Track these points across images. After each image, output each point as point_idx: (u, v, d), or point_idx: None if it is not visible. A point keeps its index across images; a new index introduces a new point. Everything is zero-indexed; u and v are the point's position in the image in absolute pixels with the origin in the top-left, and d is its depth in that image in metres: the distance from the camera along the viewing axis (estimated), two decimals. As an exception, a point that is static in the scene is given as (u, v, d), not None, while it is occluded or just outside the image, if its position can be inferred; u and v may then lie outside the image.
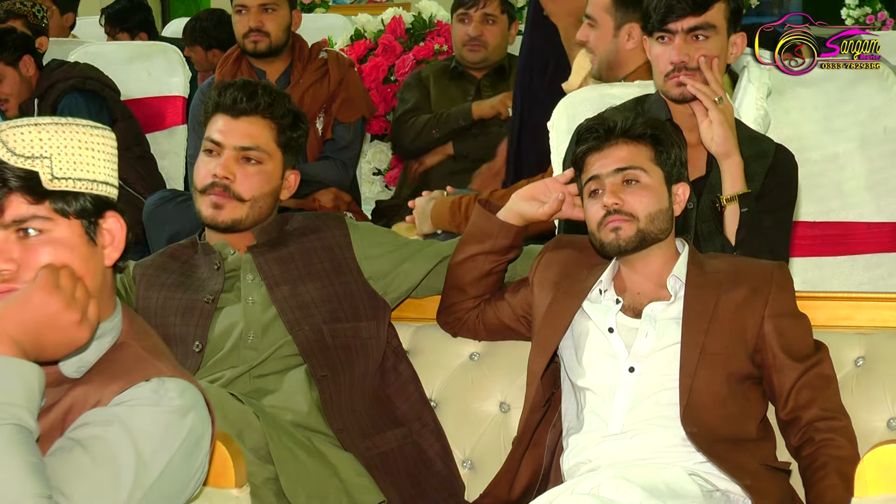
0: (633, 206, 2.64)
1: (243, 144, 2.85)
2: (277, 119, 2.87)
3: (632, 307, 2.69)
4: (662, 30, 2.98)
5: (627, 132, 2.68)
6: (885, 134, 3.62)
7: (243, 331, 2.80)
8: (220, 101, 2.88)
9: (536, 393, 2.73)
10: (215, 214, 2.84)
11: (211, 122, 2.89)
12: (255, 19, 4.54)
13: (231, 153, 2.84)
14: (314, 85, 4.53)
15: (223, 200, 2.83)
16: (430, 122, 4.87)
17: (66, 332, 1.88)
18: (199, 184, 2.86)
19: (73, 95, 4.95)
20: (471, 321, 2.93)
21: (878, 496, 2.15)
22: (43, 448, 1.85)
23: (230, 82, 2.93)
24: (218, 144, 2.85)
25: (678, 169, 2.72)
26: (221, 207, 2.83)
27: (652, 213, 2.65)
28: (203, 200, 2.85)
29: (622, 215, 2.64)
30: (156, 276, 2.90)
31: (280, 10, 4.58)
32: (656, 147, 2.69)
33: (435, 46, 5.65)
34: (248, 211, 2.85)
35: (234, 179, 2.83)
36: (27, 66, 5.00)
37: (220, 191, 2.83)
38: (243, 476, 2.09)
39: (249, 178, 2.84)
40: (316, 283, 2.86)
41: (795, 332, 2.66)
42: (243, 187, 2.84)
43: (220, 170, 2.83)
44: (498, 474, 2.76)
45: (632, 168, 2.66)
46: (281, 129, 2.88)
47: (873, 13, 8.75)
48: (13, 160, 1.89)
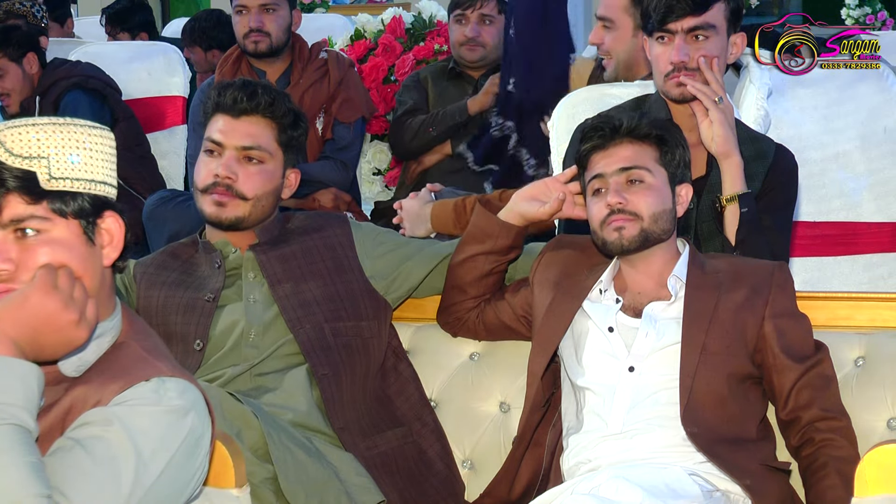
0: (636, 206, 2.64)
1: (244, 144, 2.85)
2: (278, 118, 2.88)
3: (632, 307, 2.69)
4: (662, 30, 2.98)
5: (633, 132, 2.68)
6: (885, 134, 3.62)
7: (244, 329, 2.80)
8: (221, 101, 2.88)
9: (536, 393, 2.73)
10: (219, 212, 2.84)
11: (211, 122, 2.89)
12: (255, 20, 4.53)
13: (232, 153, 2.84)
14: (314, 85, 4.53)
15: (226, 199, 2.84)
16: (426, 121, 4.87)
17: (64, 332, 1.88)
18: (200, 183, 2.86)
19: (75, 93, 4.95)
20: (471, 321, 2.93)
21: (878, 496, 2.15)
22: (43, 448, 1.85)
23: (230, 82, 2.94)
24: (219, 144, 2.86)
25: (682, 170, 2.72)
26: (224, 205, 2.84)
27: (656, 213, 2.65)
28: (205, 199, 2.86)
29: (626, 215, 2.64)
30: (157, 275, 2.90)
31: (280, 10, 4.57)
32: (661, 147, 2.69)
33: (435, 46, 5.64)
34: (250, 209, 2.85)
35: (237, 179, 2.83)
36: (31, 63, 5.00)
37: (222, 190, 2.84)
38: (243, 476, 2.09)
39: (251, 177, 2.85)
40: (318, 281, 2.86)
41: (796, 332, 2.66)
42: (246, 186, 2.84)
43: (222, 170, 2.83)
44: (498, 474, 2.76)
45: (636, 168, 2.66)
46: (282, 129, 2.88)
47: (873, 13, 8.76)
48: (11, 160, 1.89)
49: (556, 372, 2.78)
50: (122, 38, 6.62)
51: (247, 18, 4.55)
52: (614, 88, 3.57)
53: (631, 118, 2.71)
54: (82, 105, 4.89)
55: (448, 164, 4.86)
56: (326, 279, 2.87)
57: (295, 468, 2.56)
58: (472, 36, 4.87)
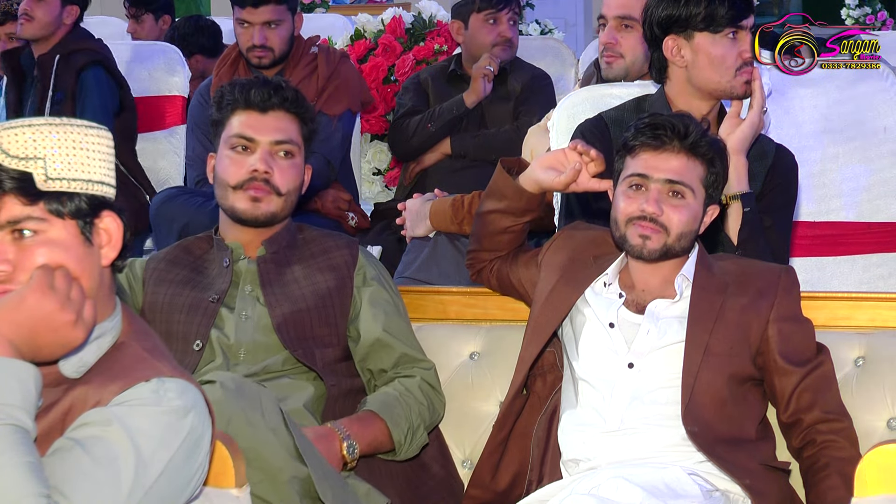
0: (669, 221, 2.63)
1: (277, 138, 2.85)
2: (301, 112, 2.89)
3: (635, 302, 2.69)
4: (737, 26, 3.01)
5: (692, 146, 2.65)
6: (884, 134, 3.62)
7: (234, 349, 2.81)
8: (246, 98, 2.86)
9: (523, 380, 2.74)
10: (254, 208, 2.84)
11: (232, 119, 2.87)
12: (258, 36, 4.48)
13: (266, 147, 2.84)
14: (303, 81, 4.49)
15: (262, 194, 2.83)
16: (424, 118, 4.86)
17: (61, 332, 1.88)
18: (233, 180, 2.84)
19: (98, 69, 4.95)
20: (485, 273, 2.95)
21: (878, 496, 2.15)
22: (42, 448, 1.85)
23: (248, 80, 2.94)
24: (251, 140, 2.85)
25: (717, 192, 2.71)
26: (260, 200, 2.83)
27: (684, 232, 2.65)
28: (239, 196, 2.84)
29: (656, 225, 2.63)
30: (166, 272, 2.90)
31: (284, 23, 4.52)
32: (709, 168, 2.67)
33: (435, 46, 5.65)
34: (283, 204, 2.86)
35: (273, 173, 2.83)
36: (70, 12, 4.99)
37: (259, 185, 2.83)
38: (243, 476, 2.09)
39: (285, 171, 2.85)
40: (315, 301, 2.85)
41: (799, 336, 2.66)
42: (282, 181, 2.84)
43: (260, 164, 2.82)
44: (480, 460, 2.78)
45: (683, 184, 2.64)
46: (304, 122, 2.90)
47: (873, 13, 8.75)
48: (7, 161, 1.89)
49: (543, 362, 2.78)
50: (146, 21, 6.56)
51: (250, 32, 4.50)
52: (614, 88, 3.58)
53: (687, 127, 2.66)
54: (103, 84, 4.89)
55: (448, 164, 4.86)
56: (327, 300, 2.86)
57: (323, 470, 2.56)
58: (510, 37, 4.88)
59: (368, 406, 2.77)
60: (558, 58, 5.66)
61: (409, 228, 3.83)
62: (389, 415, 2.75)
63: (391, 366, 2.86)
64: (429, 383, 2.85)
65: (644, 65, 3.79)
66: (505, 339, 2.95)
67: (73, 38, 5.03)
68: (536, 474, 2.71)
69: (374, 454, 2.75)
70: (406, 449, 2.77)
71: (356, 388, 2.87)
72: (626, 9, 3.81)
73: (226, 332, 2.82)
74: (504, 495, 2.74)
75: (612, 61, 3.85)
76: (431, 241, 3.79)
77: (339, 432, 2.68)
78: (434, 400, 2.85)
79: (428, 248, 3.79)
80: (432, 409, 2.84)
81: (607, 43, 3.87)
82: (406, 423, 2.76)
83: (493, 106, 4.89)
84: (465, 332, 3.02)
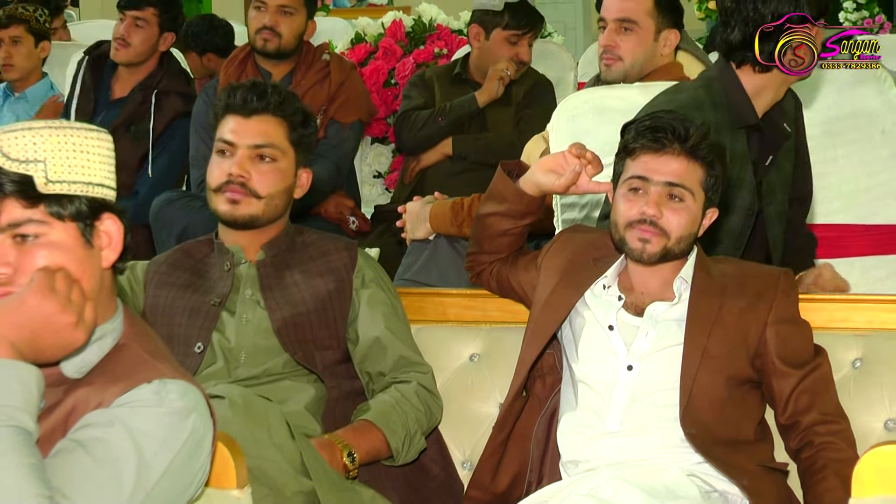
0: (669, 224, 2.63)
1: (257, 143, 2.85)
2: (288, 117, 2.88)
3: (634, 305, 2.69)
4: None
5: (692, 149, 2.65)
6: (882, 136, 3.63)
7: (234, 351, 2.82)
8: (231, 102, 2.88)
9: (523, 382, 2.75)
10: (233, 209, 2.85)
11: (222, 123, 2.89)
12: (271, 18, 4.52)
13: (245, 152, 2.85)
14: (314, 87, 4.52)
15: (240, 196, 2.84)
16: (435, 112, 4.87)
17: (62, 334, 1.88)
18: (213, 183, 2.86)
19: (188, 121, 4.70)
20: (485, 275, 2.96)
21: (875, 497, 2.15)
22: (45, 449, 1.85)
23: (239, 84, 2.94)
24: (231, 144, 2.86)
25: (716, 195, 2.71)
26: (238, 203, 2.84)
27: (683, 235, 2.65)
28: (218, 198, 2.86)
29: (656, 229, 2.63)
30: (168, 275, 2.91)
31: (297, 15, 4.55)
32: (709, 171, 2.66)
33: (435, 50, 5.66)
34: (263, 207, 2.85)
35: (250, 177, 2.84)
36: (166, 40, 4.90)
37: (236, 188, 2.83)
38: (244, 477, 2.09)
39: (264, 175, 2.85)
40: (315, 304, 2.85)
41: (797, 338, 2.67)
42: (259, 185, 2.84)
43: (235, 168, 2.83)
44: (480, 461, 2.78)
45: (682, 187, 2.64)
46: (292, 127, 2.89)
47: (871, 17, 8.76)
48: (8, 164, 1.90)
49: (542, 364, 2.79)
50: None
51: (263, 15, 4.54)
52: (614, 90, 3.58)
53: (687, 130, 2.65)
54: (186, 140, 4.68)
55: (448, 165, 4.86)
56: (326, 303, 2.87)
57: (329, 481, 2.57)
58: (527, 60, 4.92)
59: (365, 416, 2.78)
60: (557, 61, 5.67)
61: (409, 231, 3.83)
62: (386, 423, 2.76)
63: (389, 368, 2.86)
64: (425, 388, 2.86)
65: (643, 66, 3.80)
66: (504, 341, 2.96)
67: (166, 74, 4.95)
68: (536, 475, 2.72)
69: (373, 462, 2.76)
70: (405, 455, 2.78)
71: (356, 390, 2.88)
72: (625, 11, 3.82)
73: (227, 335, 2.83)
74: (504, 496, 2.74)
75: (611, 64, 3.86)
76: (431, 243, 3.79)
77: (339, 443, 2.69)
78: (431, 404, 2.86)
79: (428, 251, 3.79)
80: (429, 414, 2.85)
81: (606, 45, 3.88)
82: (403, 431, 2.77)
83: (495, 110, 4.90)
84: (465, 334, 3.02)
